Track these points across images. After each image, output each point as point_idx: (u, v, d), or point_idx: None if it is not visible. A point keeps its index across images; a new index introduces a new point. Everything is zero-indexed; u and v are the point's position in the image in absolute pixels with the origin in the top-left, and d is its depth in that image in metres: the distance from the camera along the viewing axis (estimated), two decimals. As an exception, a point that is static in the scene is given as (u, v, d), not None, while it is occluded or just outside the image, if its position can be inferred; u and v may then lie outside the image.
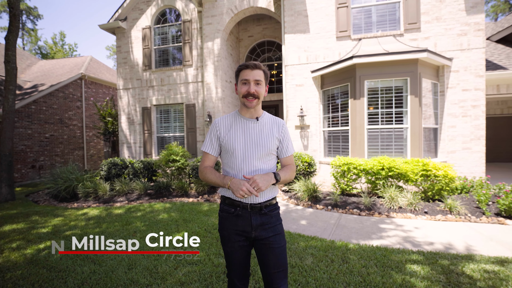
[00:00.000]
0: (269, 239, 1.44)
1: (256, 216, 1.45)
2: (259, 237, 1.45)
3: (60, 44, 27.94)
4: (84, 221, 4.57)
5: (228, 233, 1.48)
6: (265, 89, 1.51)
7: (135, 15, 8.87)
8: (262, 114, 1.56)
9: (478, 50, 5.80)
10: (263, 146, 1.48)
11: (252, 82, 1.44)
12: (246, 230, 1.45)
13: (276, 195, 1.55)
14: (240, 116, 1.54)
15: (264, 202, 1.47)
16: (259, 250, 1.46)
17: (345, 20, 6.53)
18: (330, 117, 6.68)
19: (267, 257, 1.43)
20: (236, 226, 1.46)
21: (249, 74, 1.44)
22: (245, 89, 1.45)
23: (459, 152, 5.91)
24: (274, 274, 1.42)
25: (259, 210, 1.45)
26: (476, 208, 4.39)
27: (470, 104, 5.86)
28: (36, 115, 10.64)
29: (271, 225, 1.46)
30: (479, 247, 3.12)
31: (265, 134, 1.50)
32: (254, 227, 1.44)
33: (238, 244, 1.46)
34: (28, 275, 2.82)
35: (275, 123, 1.56)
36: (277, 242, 1.44)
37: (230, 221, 1.48)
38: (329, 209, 4.77)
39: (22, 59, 14.77)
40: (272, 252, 1.43)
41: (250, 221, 1.44)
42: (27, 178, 10.31)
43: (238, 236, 1.46)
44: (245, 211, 1.45)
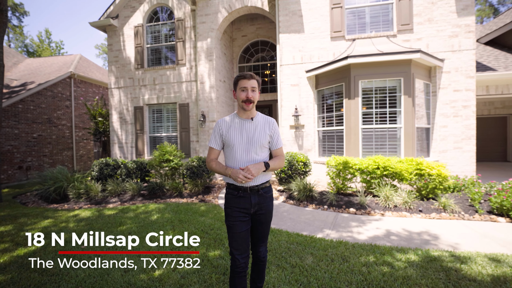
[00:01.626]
0: (261, 215, 1.88)
1: (254, 196, 1.85)
2: (256, 213, 1.87)
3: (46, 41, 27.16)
4: (74, 223, 4.43)
5: (232, 210, 1.85)
6: (258, 95, 1.89)
7: (127, 13, 8.70)
8: (256, 114, 1.95)
9: (468, 51, 5.94)
10: (257, 141, 1.86)
11: (249, 89, 1.82)
12: (246, 207, 1.84)
13: (269, 179, 1.95)
14: (238, 117, 1.92)
15: (260, 184, 1.87)
16: (253, 222, 1.90)
17: (339, 21, 6.58)
18: (324, 117, 6.72)
19: (256, 228, 1.92)
20: (239, 204, 1.84)
21: (247, 83, 1.82)
22: (244, 95, 1.82)
23: (451, 151, 6.03)
24: (259, 239, 1.94)
25: (256, 192, 1.86)
26: (469, 206, 4.48)
27: (461, 105, 5.99)
28: (23, 115, 10.29)
29: (265, 204, 1.89)
30: (474, 244, 3.17)
31: (259, 131, 1.88)
32: (253, 205, 1.85)
33: (239, 219, 1.83)
34: (19, 280, 2.71)
35: (267, 121, 1.94)
36: (266, 218, 1.91)
37: (234, 200, 1.86)
38: (325, 209, 4.78)
39: (8, 57, 14.29)
40: (261, 225, 1.91)
41: (250, 200, 1.84)
42: (14, 179, 9.96)
43: (239, 212, 1.84)
44: (246, 193, 1.85)
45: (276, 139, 1.96)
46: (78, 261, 3.02)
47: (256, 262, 2.00)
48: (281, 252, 3.02)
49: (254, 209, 1.85)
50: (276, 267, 2.70)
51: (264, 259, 1.99)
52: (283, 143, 7.07)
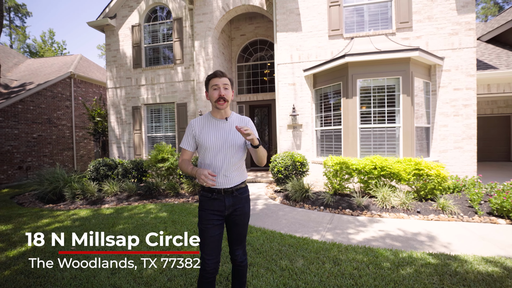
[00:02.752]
0: (237, 217, 1.82)
1: (229, 198, 1.78)
2: (230, 214, 1.81)
3: (49, 42, 27.33)
4: (69, 223, 4.40)
5: (205, 212, 1.78)
6: (231, 93, 1.81)
7: (124, 13, 8.68)
8: (231, 114, 1.87)
9: (469, 49, 5.82)
10: (232, 142, 1.78)
11: (222, 86, 1.74)
12: (220, 209, 1.77)
13: (245, 180, 1.89)
14: (212, 117, 1.84)
15: (235, 186, 1.80)
16: (228, 223, 1.85)
17: (337, 19, 6.49)
18: (322, 116, 6.63)
19: (232, 230, 1.86)
20: (213, 207, 1.77)
21: (218, 80, 1.75)
22: (217, 93, 1.74)
23: (451, 151, 5.92)
24: (235, 242, 1.87)
25: (231, 193, 1.79)
26: (469, 207, 4.38)
27: (462, 104, 5.87)
28: (23, 115, 10.33)
29: (241, 205, 1.82)
30: (472, 246, 3.08)
31: (233, 131, 1.80)
32: (227, 207, 1.78)
33: (212, 222, 1.76)
34: (4, 282, 2.67)
35: (242, 121, 1.87)
36: (242, 220, 1.84)
37: (208, 203, 1.79)
38: (321, 209, 4.70)
39: (9, 57, 14.38)
40: (236, 227, 1.84)
41: (224, 202, 1.77)
42: (13, 179, 10.00)
43: (213, 215, 1.77)
44: (220, 195, 1.77)
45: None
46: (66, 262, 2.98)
47: (235, 267, 1.92)
48: (271, 255, 2.95)
49: (228, 211, 1.79)
50: (265, 270, 2.64)
51: (242, 264, 1.90)
52: (281, 143, 7.00)
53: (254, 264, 2.77)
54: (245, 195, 1.86)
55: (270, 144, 9.62)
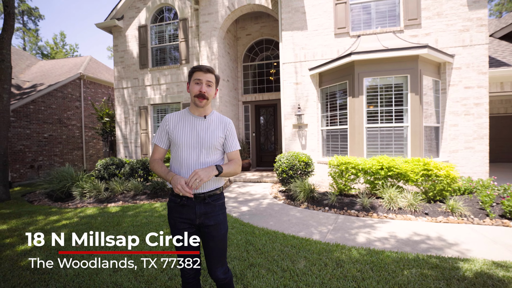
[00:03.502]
0: (210, 227, 1.62)
1: (200, 205, 1.60)
2: (202, 224, 1.62)
3: (60, 44, 28.00)
4: (76, 221, 4.47)
5: (175, 221, 1.63)
6: (214, 92, 1.67)
7: (131, 14, 8.79)
8: (211, 113, 1.72)
9: (481, 46, 5.63)
10: (207, 142, 1.63)
11: (204, 82, 1.60)
12: (191, 217, 1.61)
13: (221, 186, 1.71)
14: (190, 114, 1.69)
15: (208, 192, 1.62)
16: (202, 236, 1.66)
17: (343, 17, 6.39)
18: (328, 115, 6.54)
19: (208, 244, 1.64)
20: (182, 214, 1.61)
21: (202, 75, 1.60)
22: (198, 88, 1.60)
23: (462, 151, 5.74)
24: (212, 260, 1.64)
25: (202, 200, 1.61)
26: (480, 210, 4.23)
27: (473, 102, 5.68)
28: (34, 115, 10.60)
29: (214, 214, 1.63)
30: (482, 250, 2.96)
31: (211, 131, 1.66)
32: (198, 215, 1.60)
33: (184, 230, 1.61)
34: (10, 277, 2.72)
35: (221, 122, 1.72)
36: (217, 230, 1.63)
37: (176, 210, 1.63)
38: (326, 210, 4.63)
39: (22, 59, 14.79)
40: (213, 240, 1.63)
41: (194, 209, 1.60)
42: (25, 178, 10.27)
43: (183, 224, 1.62)
44: (190, 201, 1.60)
45: (231, 141, 1.73)
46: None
47: (219, 285, 1.71)
48: (273, 255, 2.91)
49: (200, 219, 1.60)
50: (266, 271, 2.60)
51: (226, 280, 1.67)
52: (286, 143, 6.94)
53: (255, 264, 2.73)
54: (220, 202, 1.67)
55: (275, 144, 9.57)
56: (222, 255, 1.66)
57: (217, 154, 1.69)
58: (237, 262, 2.78)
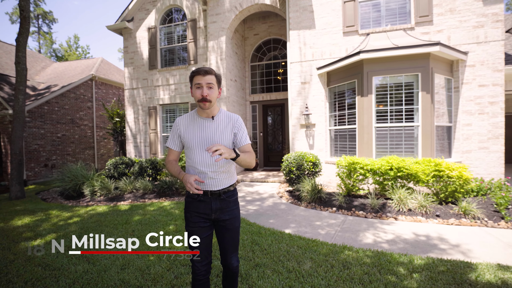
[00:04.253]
0: (226, 221, 1.72)
1: (215, 201, 1.69)
2: (218, 219, 1.71)
3: (74, 46, 28.78)
4: (85, 218, 4.58)
5: (191, 215, 1.71)
6: (218, 92, 1.70)
7: (141, 16, 8.93)
8: (218, 112, 1.76)
9: (496, 42, 5.43)
10: (218, 142, 1.69)
11: (205, 86, 1.62)
12: (207, 212, 1.69)
13: (234, 183, 1.79)
14: (198, 116, 1.74)
15: (222, 189, 1.71)
16: (218, 230, 1.76)
17: (352, 15, 6.29)
18: (336, 115, 6.46)
19: (223, 236, 1.75)
20: (198, 209, 1.70)
21: (201, 79, 1.62)
22: (199, 93, 1.62)
23: (475, 152, 5.56)
24: (228, 249, 1.76)
25: (218, 196, 1.70)
26: (494, 212, 4.08)
27: (488, 101, 5.49)
28: (48, 115, 10.92)
29: (229, 209, 1.72)
30: (496, 254, 2.86)
31: (220, 130, 1.71)
32: (213, 210, 1.69)
33: (198, 225, 1.69)
34: (23, 272, 2.81)
35: (230, 119, 1.75)
36: (232, 224, 1.74)
37: (193, 205, 1.71)
38: (333, 211, 4.57)
39: (37, 62, 15.26)
40: (228, 232, 1.74)
41: (210, 205, 1.69)
42: (40, 176, 10.59)
43: (199, 218, 1.70)
44: (206, 197, 1.69)
45: (241, 136, 1.76)
46: (80, 257, 3.10)
47: (228, 273, 1.82)
48: (279, 256, 2.90)
49: (215, 214, 1.69)
50: (271, 271, 2.59)
51: (236, 269, 1.81)
52: (294, 143, 6.90)
53: (261, 264, 2.72)
54: (234, 198, 1.77)
55: (283, 144, 9.53)
56: (236, 244, 1.80)
57: None
58: (243, 262, 2.78)
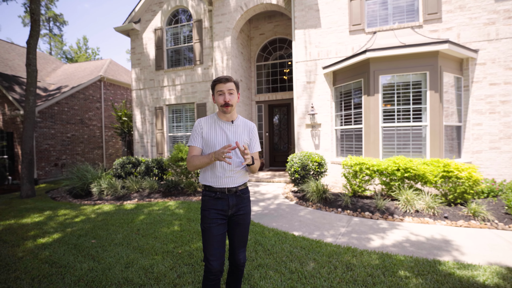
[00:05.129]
0: (240, 216, 1.84)
1: (232, 197, 1.81)
2: (234, 214, 1.82)
3: (83, 48, 29.35)
4: (93, 217, 4.65)
5: (209, 212, 1.78)
6: (237, 96, 1.86)
7: (148, 17, 9.03)
8: (237, 118, 1.93)
9: (508, 40, 5.27)
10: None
11: (227, 92, 1.79)
12: (224, 209, 1.79)
13: (247, 181, 1.94)
14: (219, 119, 1.89)
15: (239, 186, 1.84)
16: (231, 224, 1.85)
17: (358, 13, 6.21)
18: (342, 115, 6.39)
19: (235, 231, 1.85)
20: (216, 206, 1.78)
21: (223, 86, 1.79)
22: (222, 99, 1.79)
23: (486, 152, 5.41)
24: (238, 243, 1.86)
25: (234, 193, 1.82)
26: (505, 214, 3.96)
27: (499, 100, 5.34)
28: (58, 116, 11.16)
29: (243, 205, 1.85)
30: (506, 257, 2.77)
31: (238, 134, 1.88)
32: (230, 206, 1.80)
33: (215, 221, 1.76)
34: (31, 269, 2.87)
35: (246, 125, 1.94)
36: (245, 219, 1.86)
37: (211, 202, 1.80)
38: (339, 211, 4.52)
39: (48, 63, 15.62)
40: (239, 227, 1.85)
41: (228, 201, 1.79)
42: (50, 175, 10.84)
43: (216, 214, 1.78)
44: (224, 194, 1.80)
45: (254, 143, 1.95)
46: (86, 255, 3.15)
47: (234, 269, 1.90)
48: (282, 256, 2.88)
49: (232, 210, 1.81)
50: (274, 272, 2.57)
51: (243, 266, 1.89)
52: (299, 142, 6.86)
53: (263, 265, 2.71)
54: (247, 195, 1.91)
55: (289, 144, 9.48)
56: (245, 240, 1.90)
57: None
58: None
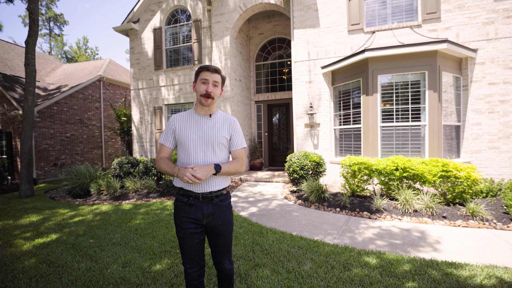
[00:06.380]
0: (219, 227, 1.65)
1: (207, 205, 1.61)
2: (209, 224, 1.63)
3: (83, 48, 29.34)
4: (91, 217, 4.65)
5: (181, 220, 1.62)
6: (220, 92, 1.71)
7: (147, 17, 9.02)
8: (216, 112, 1.74)
9: (507, 39, 5.27)
10: (213, 139, 1.65)
11: (211, 82, 1.63)
12: (198, 218, 1.61)
13: (227, 186, 1.72)
14: (195, 113, 1.72)
15: (215, 192, 1.63)
16: (210, 235, 1.68)
17: (357, 13, 6.21)
18: (341, 114, 6.38)
19: (215, 242, 1.69)
20: (189, 214, 1.61)
21: (209, 75, 1.63)
22: (204, 88, 1.62)
23: (485, 152, 5.41)
24: (219, 254, 1.71)
25: (210, 200, 1.62)
26: (504, 214, 3.96)
27: (498, 99, 5.34)
28: (58, 116, 11.15)
29: (221, 214, 1.65)
30: (505, 257, 2.76)
31: (216, 129, 1.68)
32: (205, 215, 1.61)
33: (189, 231, 1.61)
34: (28, 269, 2.87)
35: (227, 120, 1.74)
36: (225, 229, 1.67)
37: (183, 209, 1.62)
38: (337, 211, 4.52)
39: (48, 63, 15.61)
40: (220, 239, 1.67)
41: (202, 209, 1.60)
42: (49, 175, 10.83)
43: (190, 224, 1.61)
44: (197, 200, 1.61)
45: (236, 139, 1.74)
46: (83, 255, 3.14)
47: (222, 276, 1.77)
48: (279, 256, 2.87)
49: (207, 220, 1.61)
50: (271, 271, 2.57)
51: (230, 271, 1.76)
52: (298, 142, 6.85)
53: (260, 265, 2.71)
54: (227, 203, 1.69)
55: (288, 144, 9.48)
56: (229, 249, 1.73)
57: (223, 153, 1.71)
58: (242, 262, 2.77)
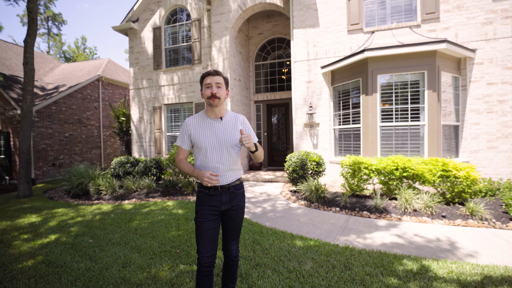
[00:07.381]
0: (233, 211, 1.86)
1: (225, 194, 1.82)
2: (226, 209, 1.85)
3: (82, 48, 29.24)
4: (90, 218, 4.63)
5: (202, 207, 1.82)
6: (225, 92, 1.83)
7: (146, 16, 9.00)
8: (226, 113, 1.88)
9: (506, 39, 5.29)
10: (228, 142, 1.81)
11: (214, 85, 1.76)
12: (217, 205, 1.81)
13: (240, 177, 1.92)
14: (206, 117, 1.85)
15: (231, 183, 1.84)
16: (224, 218, 1.89)
17: (357, 12, 6.22)
18: (341, 114, 6.39)
19: (228, 224, 1.89)
20: (210, 202, 1.81)
21: (211, 79, 1.77)
22: (209, 91, 1.75)
23: (484, 151, 5.43)
24: (229, 236, 1.91)
25: (227, 189, 1.83)
26: (503, 213, 3.98)
27: (496, 99, 5.36)
28: (56, 115, 11.11)
29: (236, 200, 1.87)
30: (504, 257, 2.77)
31: (229, 130, 1.83)
32: (223, 202, 1.82)
33: (208, 217, 1.80)
34: (27, 269, 2.85)
35: (237, 119, 1.89)
36: (238, 214, 1.89)
37: (204, 199, 1.82)
38: (337, 211, 4.52)
39: (46, 63, 15.54)
40: (232, 221, 1.88)
41: (221, 197, 1.81)
42: (48, 175, 10.78)
43: (210, 210, 1.81)
44: (217, 191, 1.81)
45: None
46: (83, 255, 3.13)
47: (228, 261, 1.95)
48: (280, 256, 2.87)
49: (225, 206, 1.83)
50: (272, 271, 2.57)
51: (236, 259, 1.94)
52: (297, 142, 6.86)
53: (261, 264, 2.71)
54: (241, 191, 1.91)
55: (287, 144, 9.48)
56: (237, 233, 1.93)
57: (236, 152, 1.88)
58: (243, 262, 2.76)
